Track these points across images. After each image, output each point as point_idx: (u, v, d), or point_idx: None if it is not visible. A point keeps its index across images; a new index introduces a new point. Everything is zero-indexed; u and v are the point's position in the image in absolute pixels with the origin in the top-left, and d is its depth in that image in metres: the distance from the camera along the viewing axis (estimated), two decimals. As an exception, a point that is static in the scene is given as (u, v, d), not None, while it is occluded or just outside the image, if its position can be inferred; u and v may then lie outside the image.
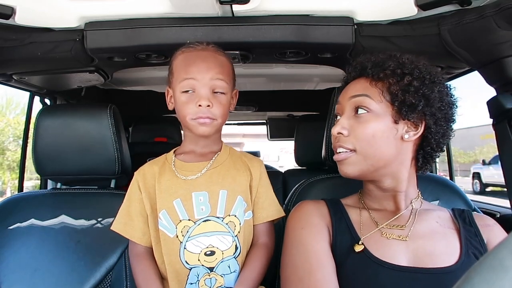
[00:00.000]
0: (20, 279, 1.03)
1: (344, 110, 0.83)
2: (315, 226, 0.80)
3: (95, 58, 1.16)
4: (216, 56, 0.89)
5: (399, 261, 0.74)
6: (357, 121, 0.79)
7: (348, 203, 0.88)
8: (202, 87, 0.85)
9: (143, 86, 2.11)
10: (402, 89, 0.76)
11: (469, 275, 0.32)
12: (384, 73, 0.79)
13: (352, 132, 0.79)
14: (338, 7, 1.01)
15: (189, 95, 0.86)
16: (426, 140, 0.81)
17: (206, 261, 0.85)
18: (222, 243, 0.85)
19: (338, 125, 0.81)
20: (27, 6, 0.98)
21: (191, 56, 0.88)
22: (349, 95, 0.82)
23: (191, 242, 0.85)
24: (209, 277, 0.84)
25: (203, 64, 0.86)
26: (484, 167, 11.31)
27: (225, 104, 0.88)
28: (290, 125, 2.66)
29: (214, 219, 0.86)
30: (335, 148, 0.83)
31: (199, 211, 0.86)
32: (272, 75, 1.95)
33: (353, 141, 0.79)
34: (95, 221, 1.11)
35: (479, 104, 1.26)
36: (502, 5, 0.85)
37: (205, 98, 0.84)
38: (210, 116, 0.85)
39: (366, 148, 0.78)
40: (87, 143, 1.11)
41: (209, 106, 0.84)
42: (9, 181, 9.74)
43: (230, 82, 0.90)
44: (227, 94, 0.89)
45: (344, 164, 0.81)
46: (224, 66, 0.89)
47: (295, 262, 0.77)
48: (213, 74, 0.85)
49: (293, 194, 1.08)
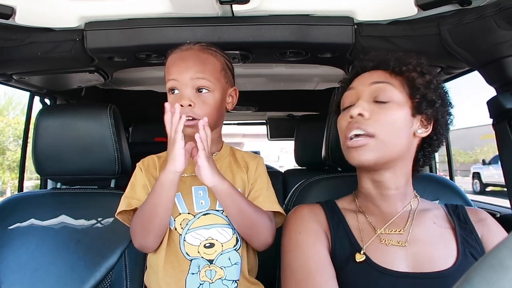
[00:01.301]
0: (20, 279, 1.03)
1: (362, 95, 0.79)
2: (313, 231, 0.80)
3: (95, 58, 1.16)
4: (198, 54, 0.88)
5: (399, 267, 0.73)
6: (378, 107, 0.77)
7: (344, 206, 0.86)
8: (183, 87, 0.85)
9: (143, 86, 2.11)
10: (424, 84, 0.78)
11: (469, 275, 0.32)
12: (407, 67, 0.80)
13: (373, 115, 0.76)
14: (338, 7, 1.01)
15: (174, 95, 0.86)
16: (429, 141, 0.82)
17: (206, 253, 0.85)
18: (222, 236, 0.86)
19: (358, 106, 0.76)
20: (27, 6, 0.98)
21: (173, 57, 0.89)
22: (369, 81, 0.80)
23: (190, 234, 0.86)
24: (209, 269, 0.85)
25: (182, 64, 0.86)
26: (484, 167, 11.31)
27: (210, 103, 0.86)
28: (290, 125, 2.66)
29: (214, 212, 0.87)
30: (350, 131, 0.77)
31: (199, 205, 0.87)
32: (272, 75, 1.95)
33: (373, 125, 0.75)
34: (95, 221, 1.11)
35: (480, 104, 1.26)
36: (502, 5, 0.85)
37: (185, 98, 0.84)
38: (194, 116, 0.84)
39: (387, 135, 0.75)
40: (87, 143, 1.11)
41: (191, 106, 0.84)
42: (9, 181, 9.74)
43: (217, 80, 0.88)
44: (214, 92, 0.87)
45: (361, 151, 0.75)
46: (207, 63, 0.87)
47: (293, 266, 0.77)
48: (192, 73, 0.84)
49: (293, 194, 1.08)
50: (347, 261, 0.76)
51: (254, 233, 0.86)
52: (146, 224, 0.83)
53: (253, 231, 0.85)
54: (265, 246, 0.88)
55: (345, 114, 0.81)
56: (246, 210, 0.83)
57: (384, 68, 0.82)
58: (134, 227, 0.86)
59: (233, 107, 0.96)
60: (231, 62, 0.97)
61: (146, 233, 0.84)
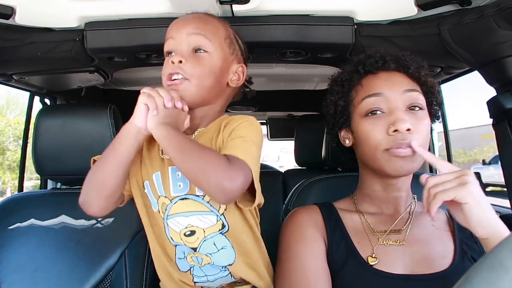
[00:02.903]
0: (20, 279, 1.03)
1: (397, 104, 0.75)
2: (311, 239, 0.79)
3: (95, 58, 1.16)
4: (200, 15, 0.81)
5: (396, 269, 0.73)
6: (414, 117, 0.74)
7: (342, 207, 0.85)
8: (179, 44, 0.78)
9: (143, 86, 2.09)
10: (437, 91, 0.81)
11: (469, 275, 0.32)
12: (424, 72, 0.80)
13: (414, 129, 0.73)
14: (338, 7, 1.01)
15: (168, 57, 0.79)
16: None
17: (188, 241, 0.79)
18: (203, 222, 0.78)
19: (405, 122, 0.71)
20: (27, 6, 0.98)
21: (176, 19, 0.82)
22: (401, 88, 0.76)
23: (170, 221, 0.80)
24: (194, 255, 0.80)
25: (181, 21, 0.80)
26: (484, 167, 11.30)
27: (206, 64, 0.77)
28: (290, 125, 2.66)
29: (193, 197, 0.78)
30: (399, 145, 0.72)
31: (176, 187, 0.78)
32: (272, 75, 1.94)
33: (417, 138, 0.72)
34: (95, 221, 1.11)
35: (480, 104, 1.26)
36: (502, 5, 0.85)
37: (177, 54, 0.77)
38: (182, 74, 0.75)
39: (425, 146, 0.75)
40: (87, 143, 1.11)
41: (181, 63, 0.76)
42: (9, 181, 9.74)
43: (218, 44, 0.80)
44: (212, 55, 0.78)
45: (409, 161, 0.73)
46: (209, 23, 0.80)
47: (292, 278, 0.76)
48: (189, 29, 0.77)
49: (293, 194, 1.08)
50: (343, 264, 0.75)
51: (201, 176, 0.69)
52: (94, 176, 0.76)
53: (200, 173, 0.69)
54: (221, 193, 0.69)
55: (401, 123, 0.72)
56: (189, 150, 0.69)
57: (405, 71, 0.79)
58: (86, 179, 0.77)
59: (237, 85, 0.87)
60: (243, 41, 0.89)
61: (92, 187, 0.76)
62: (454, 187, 0.62)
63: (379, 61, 0.79)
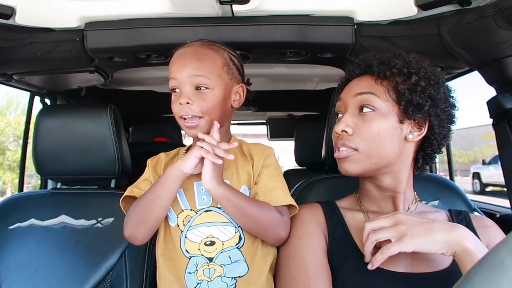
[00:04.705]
0: (20, 279, 1.04)
1: (348, 107, 0.81)
2: (312, 236, 0.80)
3: (95, 58, 1.17)
4: (197, 50, 0.85)
5: (396, 267, 0.73)
6: (361, 119, 0.78)
7: (344, 206, 0.86)
8: (182, 85, 0.83)
9: (143, 86, 2.11)
10: (409, 89, 0.76)
11: (469, 275, 0.32)
12: (391, 71, 0.78)
13: (356, 130, 0.77)
14: (338, 7, 1.01)
15: (175, 94, 0.85)
16: (428, 141, 0.81)
17: (206, 251, 0.84)
18: (223, 234, 0.85)
19: (342, 123, 0.79)
20: (27, 6, 0.98)
21: (174, 55, 0.87)
22: (353, 92, 0.80)
23: (191, 231, 0.85)
24: (208, 267, 0.84)
25: (180, 61, 0.85)
26: (484, 167, 11.30)
27: (211, 99, 0.83)
28: (290, 125, 2.66)
29: (215, 209, 0.86)
30: (337, 146, 0.80)
31: (201, 201, 0.87)
32: (272, 75, 1.95)
33: (356, 140, 0.77)
34: (95, 221, 1.11)
35: (479, 104, 1.26)
36: (502, 5, 0.85)
37: (184, 96, 0.82)
38: (192, 114, 0.82)
39: (371, 147, 0.76)
40: (87, 143, 1.11)
41: (189, 104, 0.82)
42: (9, 181, 9.74)
43: (217, 76, 0.85)
44: (214, 89, 0.84)
45: (346, 162, 0.79)
46: (205, 59, 0.84)
47: (292, 274, 0.77)
48: (189, 70, 0.82)
49: (293, 194, 1.08)
50: (343, 261, 0.76)
51: (261, 231, 0.83)
52: (141, 214, 0.84)
53: (260, 230, 0.83)
54: (279, 241, 0.84)
55: (337, 125, 0.80)
56: (248, 210, 0.81)
57: (370, 73, 0.81)
58: (129, 215, 0.86)
59: (239, 105, 0.92)
60: (238, 58, 0.93)
61: (139, 223, 0.84)
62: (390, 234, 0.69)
63: (355, 69, 0.85)
